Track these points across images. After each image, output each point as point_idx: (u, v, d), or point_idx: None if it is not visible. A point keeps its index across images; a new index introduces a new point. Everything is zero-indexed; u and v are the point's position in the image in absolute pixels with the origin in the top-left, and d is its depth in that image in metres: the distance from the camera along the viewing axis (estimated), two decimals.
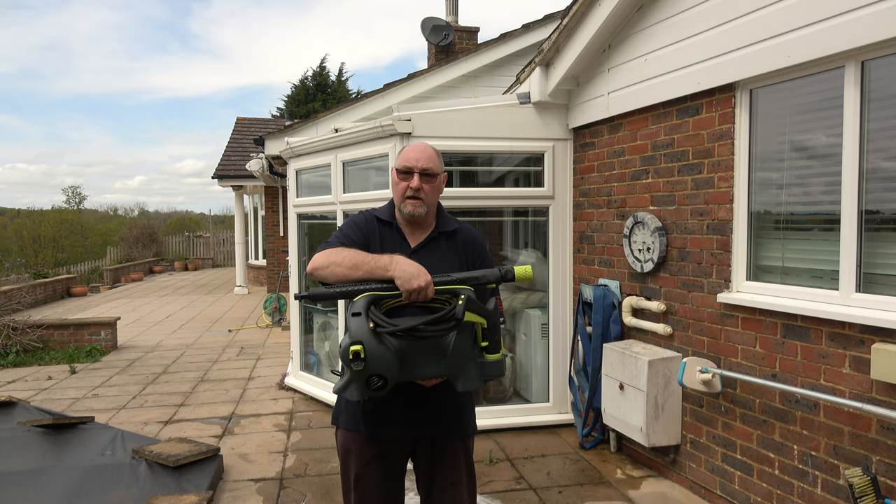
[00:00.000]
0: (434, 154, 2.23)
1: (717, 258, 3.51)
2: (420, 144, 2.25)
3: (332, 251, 2.08)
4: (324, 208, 5.80)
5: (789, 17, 2.94)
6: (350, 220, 2.28)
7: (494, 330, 1.95)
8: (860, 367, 2.73)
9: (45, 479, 3.74)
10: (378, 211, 2.30)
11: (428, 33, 9.03)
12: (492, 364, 1.96)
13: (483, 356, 1.96)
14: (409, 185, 2.17)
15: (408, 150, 2.23)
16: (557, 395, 4.98)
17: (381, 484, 2.20)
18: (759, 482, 3.30)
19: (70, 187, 59.64)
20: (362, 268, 2.00)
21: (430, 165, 2.18)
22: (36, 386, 6.58)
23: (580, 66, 4.48)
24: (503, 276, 2.02)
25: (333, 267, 2.03)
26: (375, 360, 1.85)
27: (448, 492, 2.22)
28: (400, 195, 2.20)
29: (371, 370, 1.85)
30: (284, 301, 10.12)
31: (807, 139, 3.08)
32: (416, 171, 2.17)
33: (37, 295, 13.01)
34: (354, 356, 1.83)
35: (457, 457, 2.24)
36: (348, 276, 2.02)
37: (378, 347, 1.85)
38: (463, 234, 2.29)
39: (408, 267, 1.95)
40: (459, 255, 2.25)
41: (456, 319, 1.86)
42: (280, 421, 5.29)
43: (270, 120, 19.60)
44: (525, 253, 5.42)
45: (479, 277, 2.00)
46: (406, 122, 4.62)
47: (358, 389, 1.89)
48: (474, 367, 1.95)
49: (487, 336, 1.95)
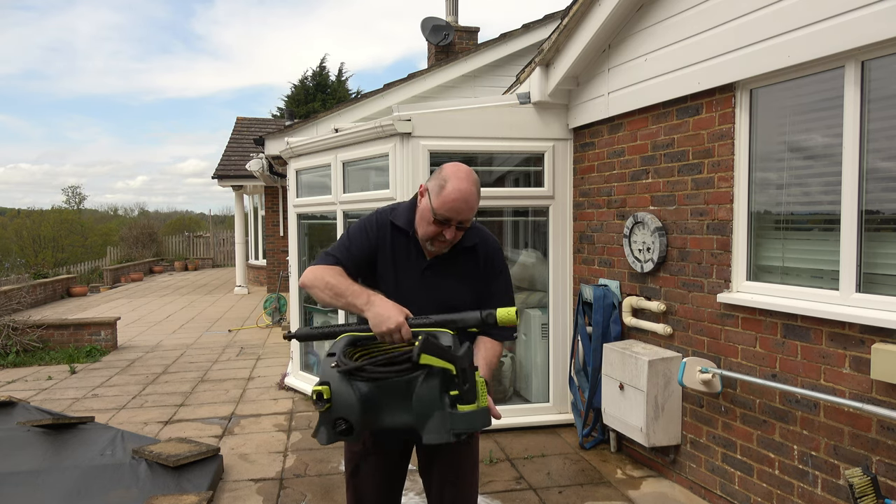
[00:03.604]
0: (477, 199, 2.00)
1: (717, 258, 3.51)
2: (467, 188, 1.95)
3: (324, 270, 2.01)
4: (324, 208, 5.80)
5: (789, 17, 2.94)
6: (361, 226, 2.13)
7: (464, 377, 1.76)
8: (860, 367, 2.73)
9: (45, 479, 3.74)
10: (395, 216, 2.12)
11: (428, 33, 9.02)
12: (462, 416, 1.75)
13: (455, 407, 1.76)
14: (443, 231, 1.99)
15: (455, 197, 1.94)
16: (557, 395, 4.98)
17: (379, 475, 2.19)
18: (759, 482, 3.30)
19: (70, 187, 59.74)
20: (342, 299, 1.94)
21: (471, 216, 2.00)
22: (36, 386, 6.58)
23: (580, 66, 4.48)
24: (483, 321, 1.88)
25: (318, 291, 1.98)
26: (338, 402, 1.78)
27: (450, 487, 2.22)
28: (428, 234, 2.02)
29: (336, 413, 1.79)
30: (284, 301, 10.12)
31: (807, 139, 3.08)
32: (454, 223, 1.98)
33: (37, 295, 13.01)
34: (318, 396, 1.77)
35: (461, 452, 2.22)
36: (331, 304, 1.97)
37: (343, 390, 1.78)
38: (482, 248, 2.16)
39: (381, 309, 1.84)
40: (477, 269, 2.15)
41: (410, 362, 1.74)
42: (280, 421, 5.29)
43: (270, 120, 19.60)
44: (525, 253, 5.42)
45: (458, 321, 1.89)
46: (406, 122, 4.62)
47: (325, 433, 1.82)
48: (439, 419, 1.76)
49: (457, 384, 1.77)
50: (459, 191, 1.94)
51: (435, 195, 1.97)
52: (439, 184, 1.98)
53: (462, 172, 1.99)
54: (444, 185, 1.97)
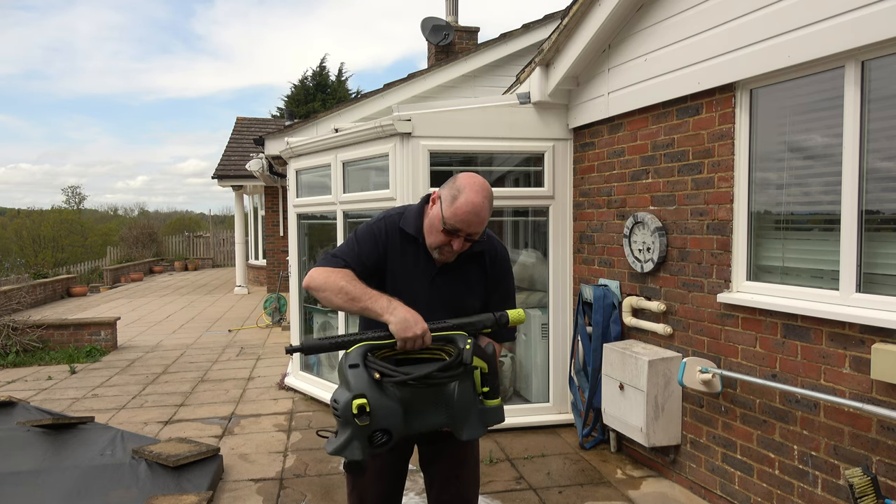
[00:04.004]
0: (489, 213, 1.99)
1: (717, 258, 3.51)
2: (479, 202, 1.94)
3: (335, 273, 1.95)
4: (324, 208, 5.80)
5: (789, 17, 2.94)
6: (370, 230, 2.09)
7: (494, 374, 1.91)
8: (860, 367, 2.73)
9: (45, 479, 3.74)
10: (404, 222, 2.10)
11: (428, 33, 9.02)
12: (493, 410, 1.92)
13: (483, 402, 1.91)
14: (451, 242, 2.00)
15: (467, 210, 1.93)
16: (557, 395, 4.98)
17: (382, 473, 2.18)
18: (759, 482, 3.30)
19: (70, 187, 59.70)
20: (359, 304, 1.89)
21: (480, 230, 2.00)
22: (36, 386, 6.58)
23: (580, 66, 4.48)
24: (497, 321, 1.98)
25: (330, 294, 1.92)
26: (381, 413, 1.75)
27: (452, 484, 2.22)
28: (436, 243, 2.02)
29: (376, 425, 1.75)
30: (284, 301, 10.12)
31: (807, 139, 3.08)
32: (463, 234, 1.98)
33: (37, 295, 13.01)
34: (360, 410, 1.71)
35: (462, 450, 2.23)
36: (344, 308, 1.92)
37: (382, 399, 1.75)
38: (490, 253, 2.17)
39: (405, 314, 1.84)
40: (484, 274, 2.16)
41: (464, 364, 1.81)
42: (280, 421, 5.29)
43: (270, 120, 19.60)
44: (525, 253, 5.42)
45: (476, 323, 1.97)
46: (406, 121, 4.62)
47: (360, 447, 1.75)
48: (477, 415, 1.90)
49: (487, 381, 1.90)
50: (472, 203, 1.94)
51: (447, 205, 1.96)
52: (453, 194, 1.97)
53: (477, 185, 1.98)
54: (457, 195, 1.96)
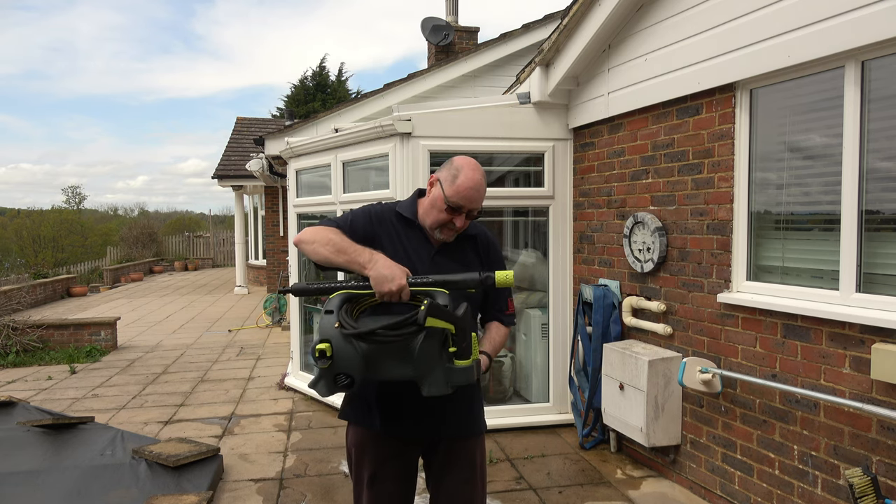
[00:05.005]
0: (486, 189, 2.12)
1: (717, 258, 3.51)
2: (479, 179, 2.08)
3: (324, 229, 2.04)
4: (324, 208, 5.80)
5: (789, 17, 2.94)
6: (365, 211, 2.19)
7: (463, 335, 1.89)
8: (860, 367, 2.73)
9: (45, 479, 3.74)
10: (401, 206, 2.20)
11: (428, 33, 9.02)
12: (460, 370, 1.91)
13: (452, 362, 1.90)
14: (453, 220, 2.09)
15: (469, 185, 2.06)
16: (557, 395, 4.98)
17: (397, 483, 2.18)
18: (759, 482, 3.30)
19: (70, 187, 59.72)
20: (344, 255, 1.96)
21: (480, 205, 2.10)
22: (36, 386, 6.58)
23: (580, 66, 4.48)
24: (482, 281, 1.97)
25: (318, 246, 2.00)
26: (341, 358, 1.84)
27: (460, 489, 2.21)
28: (438, 222, 2.10)
29: (337, 368, 1.85)
30: (284, 301, 10.12)
31: (807, 139, 3.08)
32: (465, 210, 2.08)
33: (37, 295, 13.01)
34: (320, 354, 1.82)
35: (470, 454, 2.22)
36: (329, 260, 1.98)
37: (345, 346, 1.84)
38: (482, 238, 2.28)
39: (384, 269, 1.90)
40: (479, 257, 2.23)
41: (417, 325, 1.83)
42: (280, 421, 5.29)
43: (270, 120, 19.60)
44: (525, 253, 5.42)
45: (458, 282, 1.96)
46: (406, 122, 4.62)
47: (326, 386, 1.89)
48: (441, 373, 1.89)
49: (456, 342, 1.90)
50: (472, 180, 2.07)
51: (448, 184, 2.07)
52: (452, 174, 2.09)
53: (473, 164, 2.12)
54: (457, 174, 2.08)
